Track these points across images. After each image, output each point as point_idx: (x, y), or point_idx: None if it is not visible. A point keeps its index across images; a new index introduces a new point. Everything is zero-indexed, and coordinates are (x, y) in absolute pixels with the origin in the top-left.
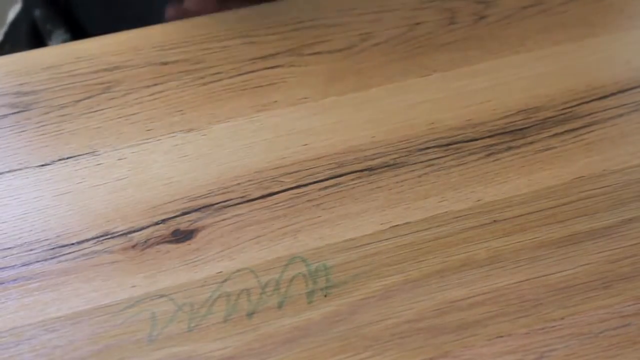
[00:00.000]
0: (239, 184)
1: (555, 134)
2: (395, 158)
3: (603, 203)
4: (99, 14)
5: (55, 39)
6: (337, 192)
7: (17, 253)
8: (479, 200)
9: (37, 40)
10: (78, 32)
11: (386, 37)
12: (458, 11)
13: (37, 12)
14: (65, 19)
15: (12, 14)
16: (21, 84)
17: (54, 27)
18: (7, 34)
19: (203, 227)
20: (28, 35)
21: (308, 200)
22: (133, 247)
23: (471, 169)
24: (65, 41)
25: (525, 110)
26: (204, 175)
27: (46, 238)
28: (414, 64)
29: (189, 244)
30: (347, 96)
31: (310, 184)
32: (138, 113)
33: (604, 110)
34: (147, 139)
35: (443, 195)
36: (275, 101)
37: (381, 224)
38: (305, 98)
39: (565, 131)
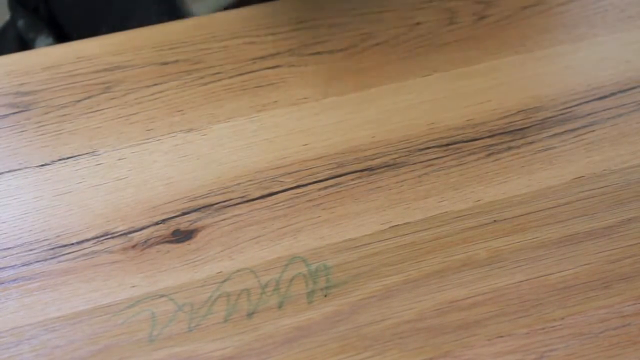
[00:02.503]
0: (239, 184)
1: (555, 134)
2: (395, 158)
3: (603, 203)
4: (80, 19)
5: (38, 45)
6: (337, 192)
7: (17, 253)
8: (479, 200)
9: (23, 47)
10: (61, 37)
11: (386, 37)
12: (458, 11)
13: (20, 23)
14: (48, 26)
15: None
16: (21, 84)
17: (36, 34)
18: None
19: (203, 227)
20: (14, 44)
21: (308, 200)
22: (133, 247)
23: (471, 169)
24: (49, 45)
25: (525, 110)
26: (204, 175)
27: (46, 238)
28: (414, 64)
29: (189, 244)
30: (347, 96)
31: (310, 184)
32: (138, 113)
33: (604, 110)
34: (147, 139)
35: (443, 195)
36: (275, 101)
37: (381, 224)
38: (305, 98)
39: (565, 131)
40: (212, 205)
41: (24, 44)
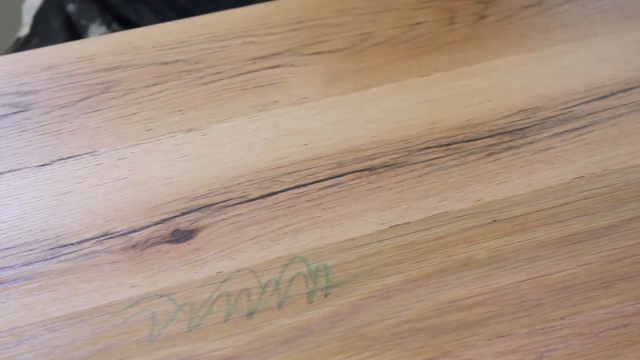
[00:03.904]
0: (239, 184)
1: (555, 134)
2: (395, 158)
3: (603, 203)
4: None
5: (91, 33)
6: (337, 192)
7: (17, 253)
8: (479, 200)
9: (73, 36)
10: (118, 22)
11: (386, 37)
12: (458, 11)
13: (71, 7)
14: (101, 11)
15: (30, 7)
16: (21, 84)
17: (89, 21)
18: (34, 27)
19: (203, 227)
20: (62, 31)
21: (308, 200)
22: (133, 247)
23: (471, 169)
24: (102, 35)
25: (525, 110)
26: (204, 175)
27: (46, 238)
28: (414, 64)
29: (189, 244)
30: (347, 96)
31: (310, 183)
32: (138, 113)
33: (604, 110)
34: (147, 139)
35: (443, 195)
36: (275, 101)
37: (381, 224)
38: (305, 98)
39: (565, 131)
40: (212, 205)
41: (75, 32)
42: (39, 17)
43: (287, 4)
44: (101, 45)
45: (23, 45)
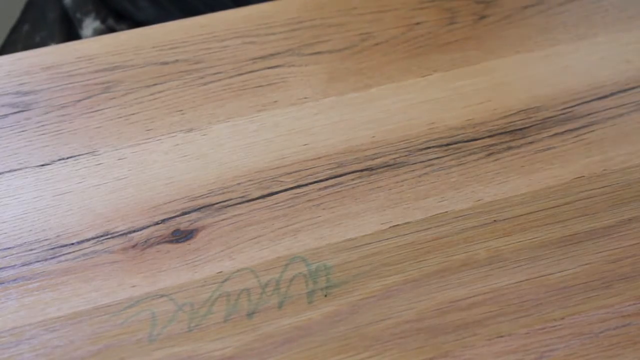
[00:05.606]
0: (239, 184)
1: (555, 134)
2: (395, 158)
3: (603, 203)
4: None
5: (86, 27)
6: (337, 192)
7: (17, 253)
8: (479, 200)
9: (69, 29)
10: (115, 17)
11: (386, 37)
12: (458, 11)
13: (67, 0)
14: (97, 5)
15: None
16: (21, 84)
17: (84, 15)
18: (25, 14)
19: (203, 227)
20: (57, 23)
21: (308, 200)
22: (133, 247)
23: (471, 169)
24: (96, 29)
25: (525, 110)
26: (204, 175)
27: (46, 238)
28: (414, 64)
29: (189, 244)
30: (347, 96)
31: (310, 183)
32: (138, 113)
33: (604, 110)
34: (147, 139)
35: (443, 195)
36: (275, 101)
37: (381, 223)
38: (305, 98)
39: (565, 131)
40: (212, 205)
41: (70, 25)
42: (32, 5)
43: (287, 4)
44: (101, 45)
45: (13, 31)
